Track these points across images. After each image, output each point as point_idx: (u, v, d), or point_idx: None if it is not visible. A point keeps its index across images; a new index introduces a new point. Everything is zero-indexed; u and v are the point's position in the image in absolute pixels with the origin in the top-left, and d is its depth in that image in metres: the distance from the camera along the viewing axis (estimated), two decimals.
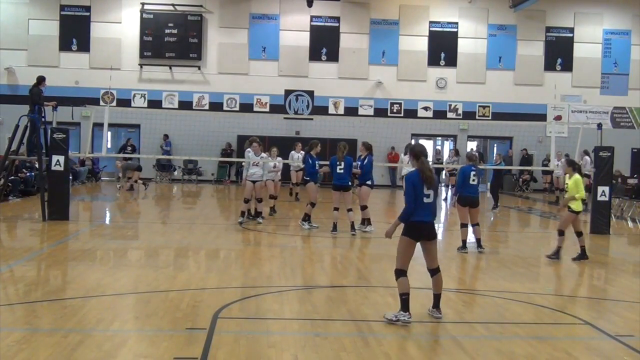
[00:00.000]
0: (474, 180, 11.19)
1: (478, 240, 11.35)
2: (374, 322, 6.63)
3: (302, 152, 19.60)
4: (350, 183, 13.18)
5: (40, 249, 10.98)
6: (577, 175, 10.74)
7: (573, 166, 10.98)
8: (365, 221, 13.34)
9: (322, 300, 7.60)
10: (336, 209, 12.90)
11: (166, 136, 26.40)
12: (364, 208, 13.30)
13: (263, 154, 14.59)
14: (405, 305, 6.57)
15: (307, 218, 13.48)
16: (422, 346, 5.90)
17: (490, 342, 6.16)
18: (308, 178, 13.90)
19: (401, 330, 6.44)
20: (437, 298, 6.89)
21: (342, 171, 12.79)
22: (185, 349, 5.59)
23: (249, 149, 14.41)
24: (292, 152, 19.19)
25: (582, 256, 10.76)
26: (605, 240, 13.57)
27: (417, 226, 6.69)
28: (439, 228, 16.50)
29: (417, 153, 6.78)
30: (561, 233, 10.84)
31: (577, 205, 10.69)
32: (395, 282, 6.71)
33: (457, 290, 8.35)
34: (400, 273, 6.68)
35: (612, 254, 12.50)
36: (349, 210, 12.87)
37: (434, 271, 6.90)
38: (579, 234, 10.85)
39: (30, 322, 6.37)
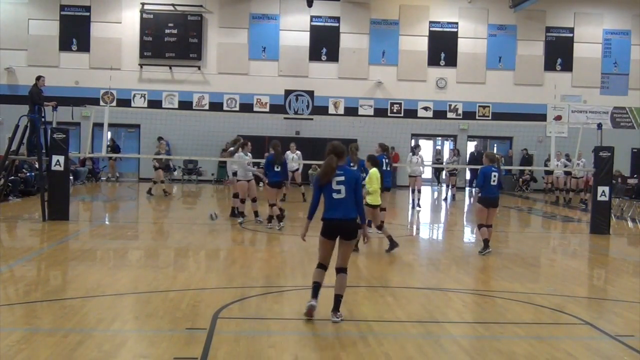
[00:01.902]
0: (494, 181, 11.06)
1: (486, 241, 11.12)
2: (374, 322, 6.62)
3: (298, 153, 19.60)
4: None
5: (40, 249, 10.98)
6: (373, 169, 10.86)
7: (371, 160, 11.11)
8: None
9: (322, 300, 7.59)
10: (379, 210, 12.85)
11: (160, 138, 26.21)
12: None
13: (248, 153, 14.70)
14: (314, 292, 6.61)
15: (271, 219, 13.47)
16: (422, 346, 5.90)
17: (490, 342, 6.16)
18: (284, 180, 13.57)
19: (401, 330, 6.44)
20: (336, 299, 6.59)
21: None
22: (185, 349, 5.59)
23: (240, 152, 14.41)
24: (287, 152, 19.21)
25: (392, 246, 10.88)
26: (605, 240, 13.57)
27: (327, 223, 6.61)
28: (439, 228, 16.50)
29: (327, 150, 6.74)
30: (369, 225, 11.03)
31: (372, 199, 10.78)
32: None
33: (457, 290, 8.34)
34: (318, 265, 6.73)
35: (612, 254, 12.50)
36: None
37: (340, 270, 6.69)
38: (380, 227, 10.97)
39: (30, 322, 6.37)
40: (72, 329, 6.05)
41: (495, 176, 11.07)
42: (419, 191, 19.68)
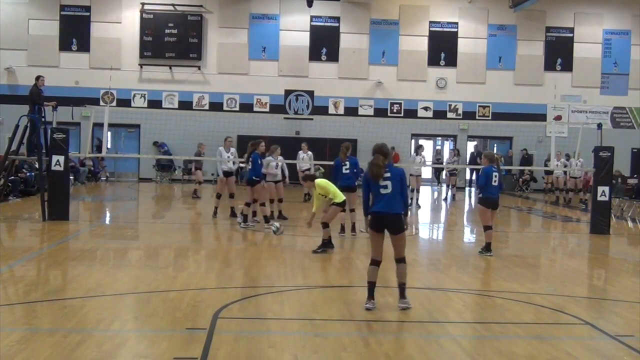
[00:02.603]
0: (495, 181, 10.96)
1: (489, 245, 11.03)
2: (374, 322, 6.62)
3: (309, 153, 19.64)
4: (355, 184, 12.97)
5: (40, 249, 10.98)
6: (317, 181, 11.34)
7: (309, 178, 11.82)
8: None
9: (322, 300, 7.60)
10: (343, 210, 12.83)
11: (156, 142, 26.26)
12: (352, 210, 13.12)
13: (232, 149, 15.26)
14: (369, 293, 7.03)
15: (268, 219, 13.45)
16: (422, 346, 5.90)
17: (490, 342, 6.16)
18: (257, 178, 13.46)
19: (401, 330, 6.45)
20: (400, 287, 7.09)
21: (347, 171, 12.71)
22: (185, 349, 5.59)
23: (269, 156, 14.52)
24: (299, 152, 19.36)
25: (324, 246, 11.06)
26: (605, 240, 13.56)
27: (374, 216, 7.06)
28: (438, 228, 16.51)
29: (373, 151, 7.27)
30: (326, 226, 11.04)
31: (339, 198, 11.10)
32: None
33: (457, 291, 8.34)
34: (371, 262, 7.11)
35: (612, 254, 12.50)
36: (352, 210, 12.81)
37: (398, 260, 7.11)
38: (326, 225, 11.11)
39: (30, 322, 6.37)
40: (72, 329, 6.05)
41: (496, 176, 11.03)
42: (418, 190, 20.06)
